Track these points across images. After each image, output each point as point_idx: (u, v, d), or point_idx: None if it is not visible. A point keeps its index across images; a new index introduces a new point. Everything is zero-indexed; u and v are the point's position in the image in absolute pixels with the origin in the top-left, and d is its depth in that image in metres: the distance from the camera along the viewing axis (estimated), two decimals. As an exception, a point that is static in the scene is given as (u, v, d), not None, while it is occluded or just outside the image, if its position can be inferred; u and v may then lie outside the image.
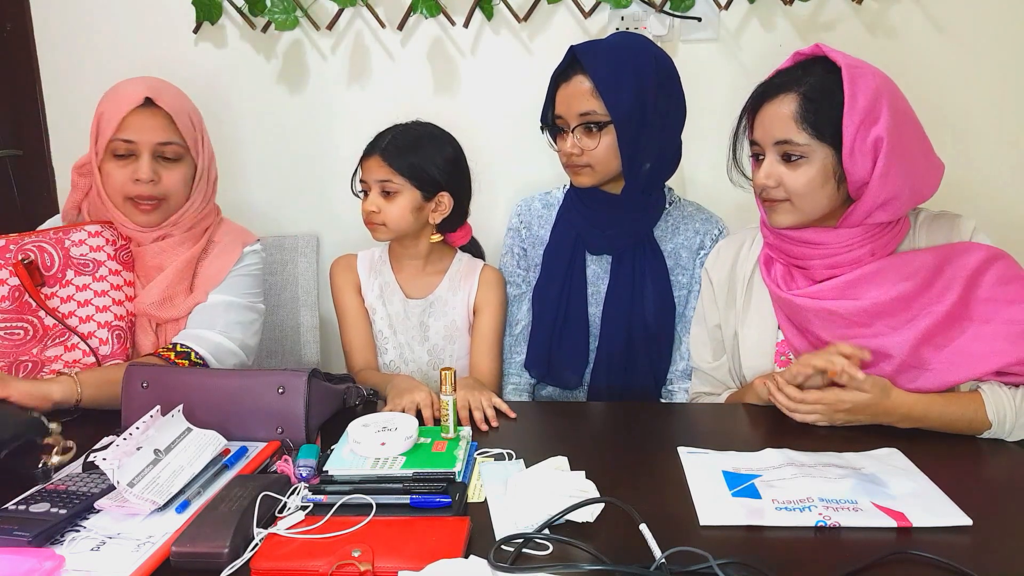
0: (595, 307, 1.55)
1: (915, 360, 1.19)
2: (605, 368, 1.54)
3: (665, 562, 0.82)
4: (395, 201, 1.48)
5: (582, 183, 1.48)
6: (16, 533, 0.87)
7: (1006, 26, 1.85)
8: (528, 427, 1.27)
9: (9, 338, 1.33)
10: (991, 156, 1.92)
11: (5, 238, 1.36)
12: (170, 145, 1.38)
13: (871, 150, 1.16)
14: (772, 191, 1.24)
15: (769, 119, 1.22)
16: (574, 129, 1.43)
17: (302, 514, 0.93)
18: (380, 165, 1.48)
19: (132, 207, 1.39)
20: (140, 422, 1.00)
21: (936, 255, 1.22)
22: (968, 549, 0.88)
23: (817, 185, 1.20)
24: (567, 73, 1.44)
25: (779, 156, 1.22)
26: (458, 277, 1.59)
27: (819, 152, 1.19)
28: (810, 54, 1.24)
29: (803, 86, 1.19)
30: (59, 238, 1.39)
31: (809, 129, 1.18)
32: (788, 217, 1.25)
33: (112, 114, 1.36)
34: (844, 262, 1.24)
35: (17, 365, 1.32)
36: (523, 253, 1.63)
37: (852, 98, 1.15)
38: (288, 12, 1.88)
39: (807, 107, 1.18)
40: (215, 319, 1.43)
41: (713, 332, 1.43)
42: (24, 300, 1.34)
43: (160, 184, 1.38)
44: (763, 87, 1.25)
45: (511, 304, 1.62)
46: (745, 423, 1.26)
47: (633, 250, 1.51)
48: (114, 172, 1.37)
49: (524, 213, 1.63)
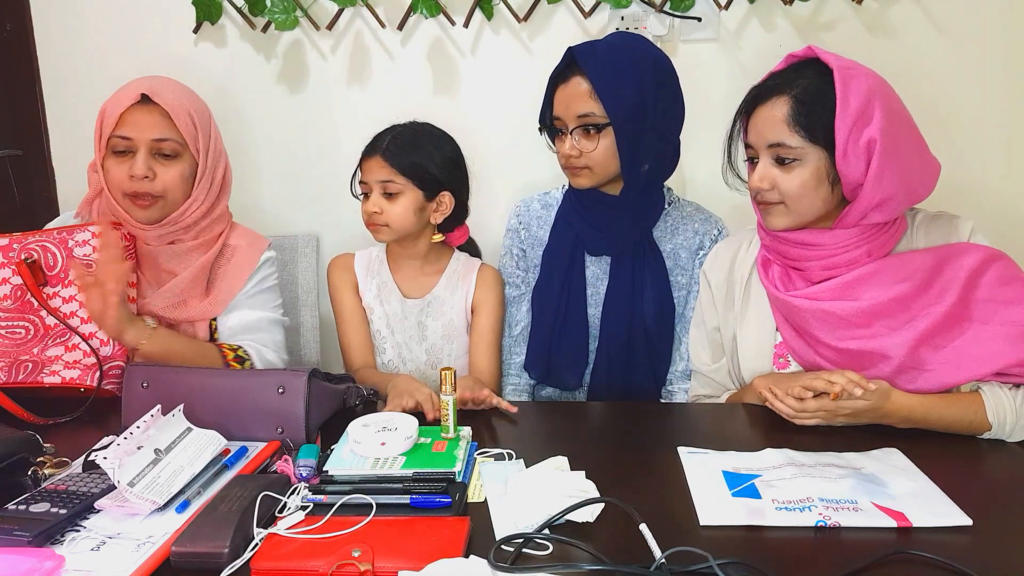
0: (594, 308, 1.55)
1: (913, 361, 1.19)
2: (605, 369, 1.54)
3: (665, 562, 0.82)
4: (397, 202, 1.48)
5: (581, 184, 1.48)
6: (16, 533, 0.87)
7: (1006, 26, 1.84)
8: (528, 427, 1.27)
9: (10, 337, 1.34)
10: (990, 156, 1.92)
11: (8, 237, 1.37)
12: (166, 142, 1.38)
13: (864, 151, 1.16)
14: (766, 194, 1.24)
15: (762, 122, 1.22)
16: (572, 131, 1.43)
17: (302, 514, 0.93)
18: (382, 166, 1.48)
19: (131, 203, 1.39)
20: (141, 421, 1.01)
21: (934, 256, 1.22)
22: (968, 549, 0.88)
23: (811, 187, 1.20)
24: (565, 74, 1.43)
25: (773, 159, 1.22)
26: (456, 277, 1.59)
27: (812, 154, 1.19)
28: (803, 56, 1.24)
29: (795, 88, 1.19)
30: (63, 238, 1.39)
31: (802, 132, 1.18)
32: (783, 219, 1.25)
33: (111, 111, 1.37)
34: (841, 263, 1.24)
35: (17, 365, 1.31)
36: (522, 254, 1.62)
37: (844, 99, 1.15)
38: (288, 12, 1.88)
39: (799, 110, 1.18)
40: (264, 337, 1.50)
41: (712, 334, 1.43)
42: (26, 299, 1.35)
43: (156, 181, 1.38)
44: (756, 90, 1.25)
45: (510, 305, 1.62)
46: (745, 423, 1.26)
47: (632, 251, 1.51)
48: (113, 169, 1.38)
49: (523, 214, 1.63)
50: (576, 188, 1.50)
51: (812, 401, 1.16)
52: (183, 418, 1.08)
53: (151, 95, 1.37)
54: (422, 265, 1.59)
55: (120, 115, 1.36)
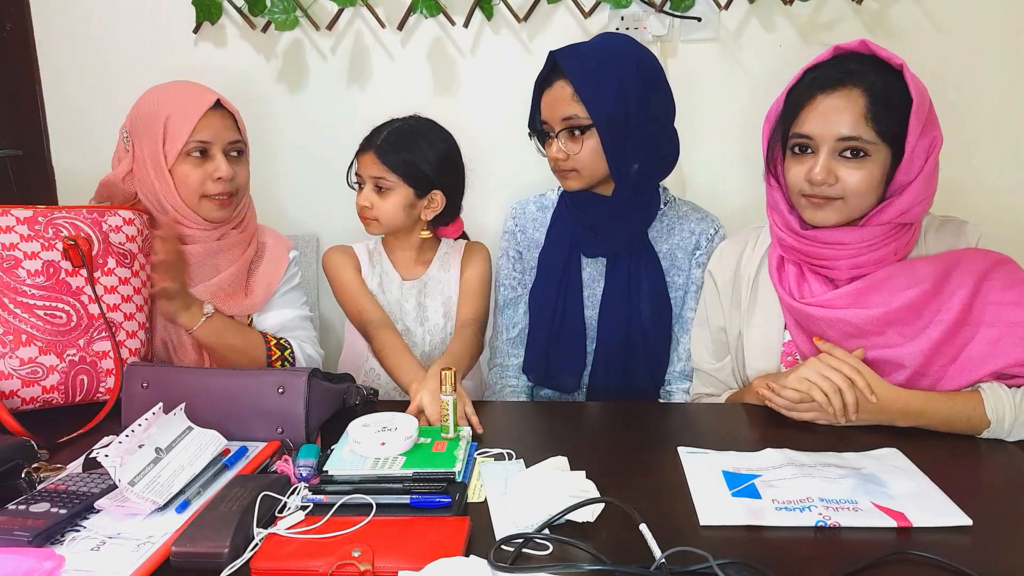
0: (591, 310, 1.55)
1: (926, 369, 1.19)
2: (603, 370, 1.54)
3: (665, 562, 0.82)
4: (388, 198, 1.51)
5: (571, 187, 1.48)
6: (16, 533, 0.87)
7: (1006, 26, 1.85)
8: (528, 427, 1.27)
9: (51, 322, 1.25)
10: (991, 156, 1.92)
11: (33, 209, 1.28)
12: (237, 143, 1.43)
13: (924, 151, 1.16)
14: (828, 188, 1.19)
15: (833, 112, 1.17)
16: (558, 134, 1.43)
17: (302, 514, 0.93)
18: (374, 162, 1.50)
19: (209, 204, 1.40)
20: (142, 419, 1.01)
21: (943, 262, 1.21)
22: (968, 549, 0.88)
23: (875, 184, 1.18)
24: (549, 79, 1.43)
25: (840, 152, 1.18)
26: (447, 258, 1.65)
27: (881, 151, 1.17)
28: (853, 49, 1.21)
29: (867, 82, 1.16)
30: (95, 219, 1.32)
31: (877, 126, 1.15)
32: (835, 215, 1.21)
33: (183, 119, 1.37)
34: (868, 262, 1.22)
35: (73, 382, 1.27)
36: (518, 256, 1.63)
37: (919, 100, 1.14)
38: (288, 12, 1.88)
39: (877, 103, 1.15)
40: (301, 335, 1.54)
41: (717, 334, 1.43)
42: (60, 279, 1.27)
43: (235, 180, 1.42)
44: (814, 77, 1.20)
45: (507, 307, 1.63)
46: (745, 423, 1.26)
47: (628, 252, 1.51)
48: (191, 173, 1.38)
49: (519, 216, 1.63)
50: (567, 190, 1.50)
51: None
52: (184, 417, 1.08)
53: (221, 100, 1.41)
54: (417, 254, 1.63)
55: (198, 121, 1.37)
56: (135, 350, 1.34)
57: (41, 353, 1.25)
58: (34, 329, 1.24)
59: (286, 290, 1.56)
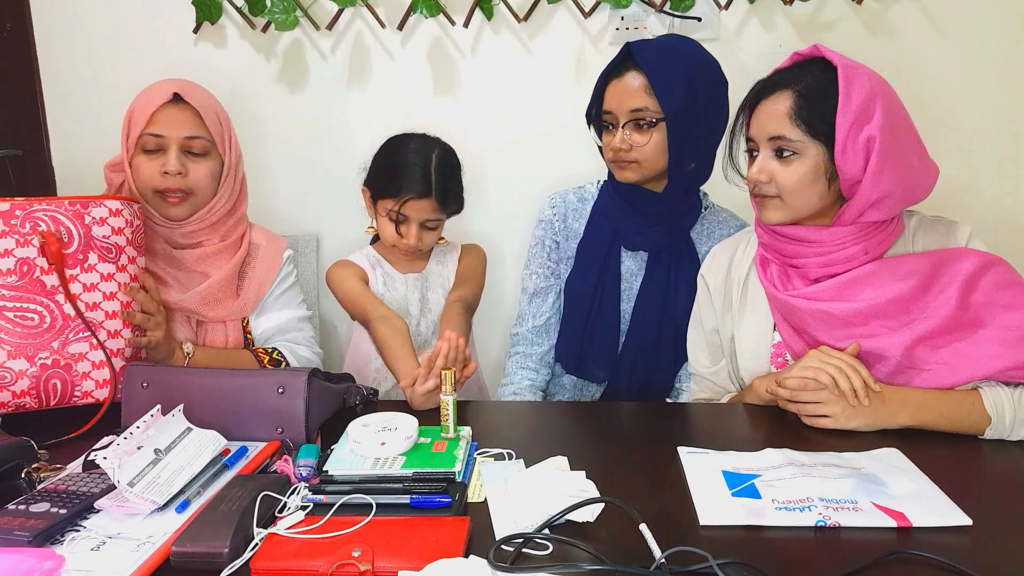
0: (627, 303, 1.56)
1: (911, 361, 1.19)
2: (629, 364, 1.55)
3: (665, 562, 0.82)
4: (435, 232, 1.61)
5: (627, 178, 1.48)
6: (16, 533, 0.87)
7: (1006, 26, 1.85)
8: (528, 427, 1.27)
9: (22, 324, 1.19)
10: (989, 156, 1.92)
11: (9, 201, 1.20)
12: (197, 139, 1.40)
13: (863, 149, 1.17)
14: (764, 187, 1.25)
15: (765, 115, 1.23)
16: (624, 124, 1.44)
17: (302, 514, 0.93)
18: (434, 208, 1.55)
19: (160, 200, 1.40)
20: (141, 421, 1.01)
21: (932, 259, 1.22)
22: (968, 549, 0.87)
23: (808, 182, 1.21)
24: (619, 69, 1.44)
25: (772, 152, 1.23)
26: (442, 254, 1.70)
27: (812, 149, 1.20)
28: (808, 55, 1.25)
29: (799, 84, 1.20)
30: (77, 211, 1.24)
31: (803, 125, 1.19)
32: (778, 213, 1.26)
33: (142, 110, 1.38)
34: (837, 260, 1.24)
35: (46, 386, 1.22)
36: (555, 245, 1.62)
37: (847, 97, 1.16)
38: (288, 12, 1.88)
39: (802, 104, 1.19)
40: (297, 336, 1.54)
41: (711, 336, 1.43)
42: (35, 278, 1.20)
43: (187, 177, 1.39)
44: (760, 85, 1.27)
45: (535, 296, 1.63)
46: (745, 423, 1.26)
47: (670, 249, 1.52)
48: (143, 166, 1.38)
49: (559, 205, 1.62)
50: (621, 182, 1.50)
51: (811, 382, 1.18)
52: (183, 418, 1.08)
53: (182, 94, 1.39)
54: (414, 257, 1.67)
55: (152, 114, 1.36)
56: (118, 350, 1.27)
57: (9, 357, 1.19)
58: (2, 332, 1.19)
59: (282, 291, 1.55)
